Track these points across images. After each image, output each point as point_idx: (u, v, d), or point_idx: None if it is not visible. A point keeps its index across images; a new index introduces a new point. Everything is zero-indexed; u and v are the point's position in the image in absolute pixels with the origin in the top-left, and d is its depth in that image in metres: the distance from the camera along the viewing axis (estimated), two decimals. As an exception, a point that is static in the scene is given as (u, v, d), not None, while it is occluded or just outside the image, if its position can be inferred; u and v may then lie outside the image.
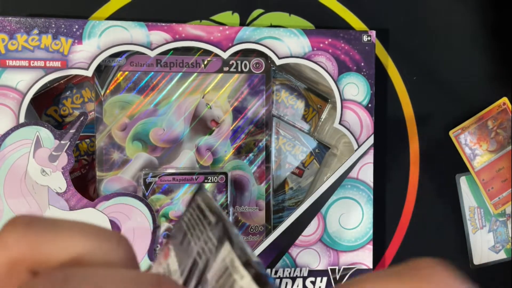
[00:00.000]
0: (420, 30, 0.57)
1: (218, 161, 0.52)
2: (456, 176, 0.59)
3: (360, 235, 0.53)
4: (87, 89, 0.52)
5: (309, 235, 0.52)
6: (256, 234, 0.53)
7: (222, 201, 0.51)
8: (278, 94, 0.55)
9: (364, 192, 0.53)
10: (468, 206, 0.59)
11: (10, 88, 0.47)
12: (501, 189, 0.60)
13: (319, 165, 0.56)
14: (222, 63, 0.52)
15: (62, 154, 0.47)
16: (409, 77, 0.57)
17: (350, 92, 0.52)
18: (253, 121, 0.53)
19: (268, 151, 0.53)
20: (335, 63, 0.52)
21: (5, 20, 0.46)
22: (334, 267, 0.52)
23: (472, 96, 0.59)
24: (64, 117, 0.51)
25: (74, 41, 0.48)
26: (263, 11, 0.54)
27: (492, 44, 0.59)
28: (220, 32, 0.50)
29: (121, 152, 0.50)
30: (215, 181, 0.51)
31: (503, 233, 0.60)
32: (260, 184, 0.53)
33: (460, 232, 0.59)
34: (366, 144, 0.52)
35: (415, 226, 0.58)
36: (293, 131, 0.56)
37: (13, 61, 0.47)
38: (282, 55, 0.51)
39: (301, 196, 0.56)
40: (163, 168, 0.51)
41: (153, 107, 0.51)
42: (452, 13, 0.58)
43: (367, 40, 0.52)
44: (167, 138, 0.51)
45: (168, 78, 0.51)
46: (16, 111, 0.47)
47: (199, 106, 0.52)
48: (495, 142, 0.59)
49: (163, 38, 0.49)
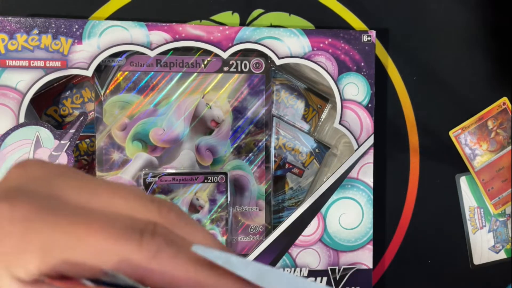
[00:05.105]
0: (420, 30, 0.57)
1: (218, 161, 0.52)
2: (456, 176, 0.59)
3: (360, 235, 0.53)
4: (87, 89, 0.52)
5: (309, 235, 0.52)
6: (256, 234, 0.53)
7: (222, 201, 0.51)
8: (278, 94, 0.55)
9: (364, 192, 0.53)
10: (468, 206, 0.59)
11: (10, 88, 0.47)
12: (501, 189, 0.60)
13: (319, 165, 0.56)
14: (222, 63, 0.52)
15: (62, 154, 0.47)
16: (409, 77, 0.57)
17: (350, 92, 0.52)
18: (253, 121, 0.53)
19: (268, 151, 0.53)
20: (335, 63, 0.52)
21: (5, 20, 0.46)
22: (334, 267, 0.52)
23: (472, 96, 0.59)
24: (64, 117, 0.51)
25: (74, 41, 0.47)
26: (263, 11, 0.54)
27: (492, 44, 0.59)
28: (220, 32, 0.50)
29: (121, 152, 0.50)
30: (215, 181, 0.51)
31: (503, 233, 0.60)
32: (260, 184, 0.53)
33: (460, 232, 0.59)
34: (366, 144, 0.52)
35: (415, 226, 0.58)
36: (293, 131, 0.56)
37: (13, 61, 0.47)
38: (282, 55, 0.51)
39: (301, 196, 0.56)
40: (163, 168, 0.51)
41: (153, 107, 0.51)
42: (452, 13, 0.58)
43: (367, 40, 0.52)
44: (167, 138, 0.51)
45: (168, 78, 0.51)
46: (16, 111, 0.47)
47: (199, 106, 0.52)
48: (495, 142, 0.59)
49: (163, 38, 0.49)
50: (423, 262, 0.59)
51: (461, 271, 0.59)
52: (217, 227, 0.52)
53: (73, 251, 0.19)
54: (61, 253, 0.19)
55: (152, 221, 0.20)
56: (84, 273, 0.19)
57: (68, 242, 0.19)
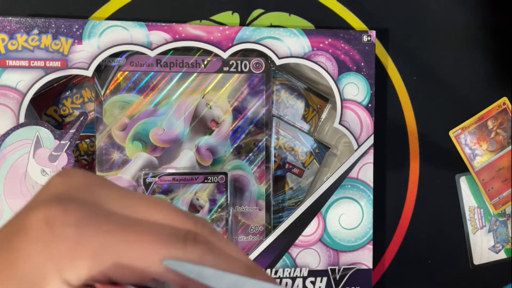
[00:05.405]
0: (420, 30, 0.57)
1: (218, 161, 0.52)
2: (456, 176, 0.59)
3: (360, 235, 0.53)
4: (87, 89, 0.52)
5: (309, 235, 0.52)
6: (256, 234, 0.53)
7: (222, 201, 0.51)
8: (278, 94, 0.55)
9: (364, 192, 0.53)
10: (468, 206, 0.59)
11: (10, 88, 0.47)
12: (501, 189, 0.60)
13: (319, 165, 0.56)
14: (222, 63, 0.52)
15: (62, 154, 0.47)
16: (409, 77, 0.57)
17: (350, 92, 0.52)
18: (253, 121, 0.53)
19: (268, 151, 0.53)
20: (335, 63, 0.52)
21: (5, 20, 0.46)
22: (334, 267, 0.52)
23: (472, 96, 0.59)
24: (64, 117, 0.51)
25: (74, 41, 0.47)
26: (263, 11, 0.54)
27: (492, 44, 0.59)
28: (220, 32, 0.50)
29: (121, 152, 0.50)
30: (215, 181, 0.51)
31: (503, 233, 0.60)
32: (260, 184, 0.53)
33: (460, 232, 0.59)
34: (366, 144, 0.52)
35: (415, 226, 0.58)
36: (293, 131, 0.56)
37: (13, 61, 0.47)
38: (282, 55, 0.51)
39: (301, 196, 0.56)
40: (163, 168, 0.51)
41: (153, 107, 0.51)
42: (452, 13, 0.58)
43: (367, 40, 0.52)
44: (167, 138, 0.51)
45: (168, 78, 0.51)
46: (16, 111, 0.47)
47: (199, 106, 0.52)
48: (495, 142, 0.59)
49: (163, 38, 0.49)
50: (423, 262, 0.59)
51: (461, 271, 0.59)
52: (217, 227, 0.52)
53: (123, 255, 0.20)
54: (111, 257, 0.20)
55: (192, 230, 0.21)
56: (132, 278, 0.20)
57: (119, 247, 0.20)
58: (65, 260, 0.19)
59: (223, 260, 0.21)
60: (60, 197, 0.21)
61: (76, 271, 0.19)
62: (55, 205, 0.20)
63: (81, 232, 0.20)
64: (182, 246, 0.20)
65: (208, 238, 0.21)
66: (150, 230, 0.20)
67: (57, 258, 0.19)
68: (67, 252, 0.19)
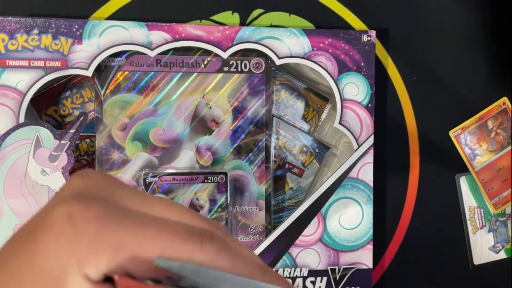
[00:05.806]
0: (420, 30, 0.57)
1: (218, 161, 0.52)
2: (456, 176, 0.59)
3: (360, 235, 0.53)
4: (87, 89, 0.52)
5: (309, 235, 0.52)
6: (256, 234, 0.53)
7: (222, 201, 0.51)
8: (278, 94, 0.55)
9: (364, 192, 0.53)
10: (468, 206, 0.59)
11: (10, 88, 0.47)
12: (501, 189, 0.60)
13: (319, 165, 0.56)
14: (222, 63, 0.52)
15: (62, 154, 0.47)
16: (409, 77, 0.57)
17: (350, 92, 0.52)
18: (253, 121, 0.53)
19: (268, 151, 0.53)
20: (335, 63, 0.52)
21: (5, 20, 0.46)
22: (334, 267, 0.52)
23: (472, 96, 0.59)
24: (64, 117, 0.51)
25: (74, 41, 0.47)
26: (263, 11, 0.54)
27: (492, 44, 0.59)
28: (220, 32, 0.50)
29: (121, 152, 0.50)
30: (215, 181, 0.51)
31: (503, 233, 0.60)
32: (260, 184, 0.53)
33: (460, 232, 0.59)
34: (366, 144, 0.52)
35: (415, 226, 0.58)
36: (293, 131, 0.56)
37: (13, 61, 0.47)
38: (282, 55, 0.51)
39: (301, 196, 0.56)
40: (163, 168, 0.51)
41: (153, 107, 0.51)
42: (452, 13, 0.58)
43: (367, 40, 0.52)
44: (167, 138, 0.51)
45: (168, 78, 0.51)
46: (16, 111, 0.47)
47: (199, 106, 0.52)
48: (495, 142, 0.59)
49: (163, 38, 0.49)
50: (423, 262, 0.59)
51: (461, 271, 0.59)
52: (217, 227, 0.52)
53: (141, 250, 0.21)
54: (130, 251, 0.20)
55: (208, 229, 0.22)
56: (149, 273, 0.21)
57: (137, 242, 0.21)
58: (86, 254, 0.20)
59: (238, 258, 0.22)
60: (81, 194, 0.22)
61: (96, 265, 0.20)
62: (77, 202, 0.21)
63: (101, 228, 0.20)
64: (198, 242, 0.21)
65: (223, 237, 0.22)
66: (167, 227, 0.21)
67: (79, 252, 0.20)
68: (88, 247, 0.20)
